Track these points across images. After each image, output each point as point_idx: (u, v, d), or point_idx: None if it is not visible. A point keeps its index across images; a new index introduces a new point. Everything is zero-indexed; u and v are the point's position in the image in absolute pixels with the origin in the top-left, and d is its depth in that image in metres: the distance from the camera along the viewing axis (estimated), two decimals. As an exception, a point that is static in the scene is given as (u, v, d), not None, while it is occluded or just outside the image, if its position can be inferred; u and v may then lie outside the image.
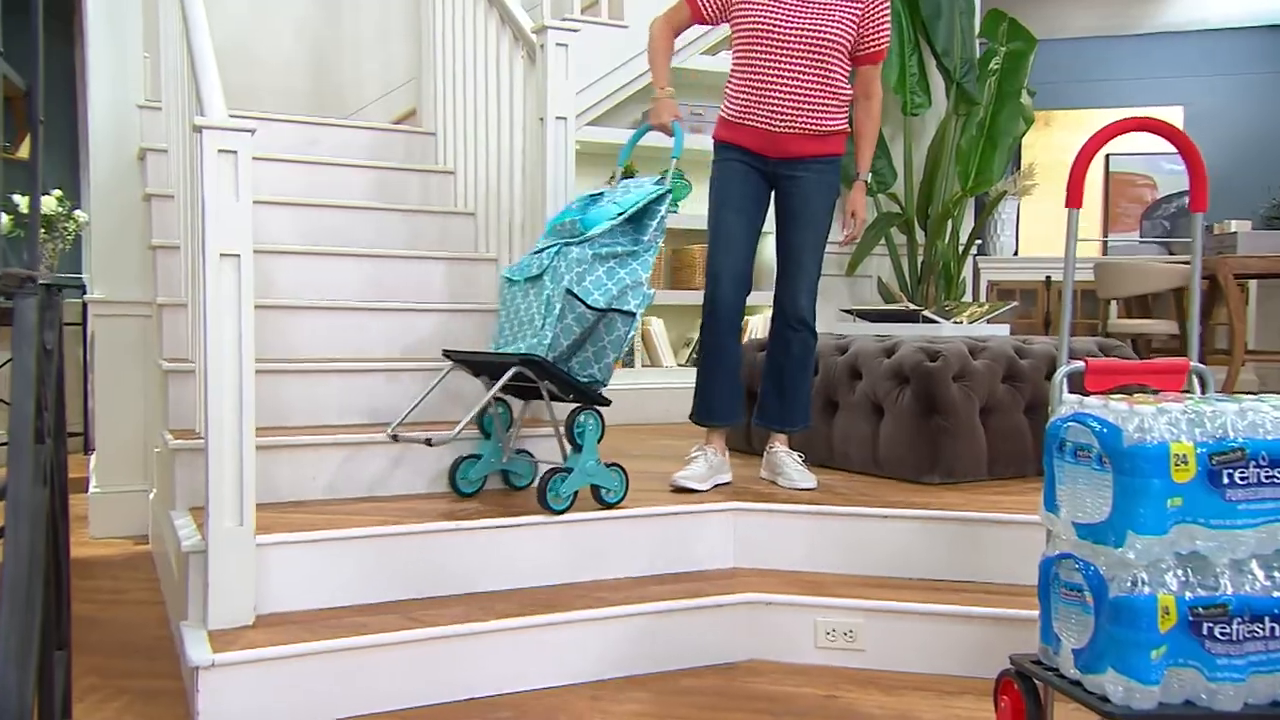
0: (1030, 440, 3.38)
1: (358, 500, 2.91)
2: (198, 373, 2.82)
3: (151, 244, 3.47)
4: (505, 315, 2.85)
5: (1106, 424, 1.63)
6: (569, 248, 2.69)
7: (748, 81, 2.94)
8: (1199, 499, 1.62)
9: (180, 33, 3.07)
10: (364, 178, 4.05)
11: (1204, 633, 1.62)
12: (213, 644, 2.21)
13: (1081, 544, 1.70)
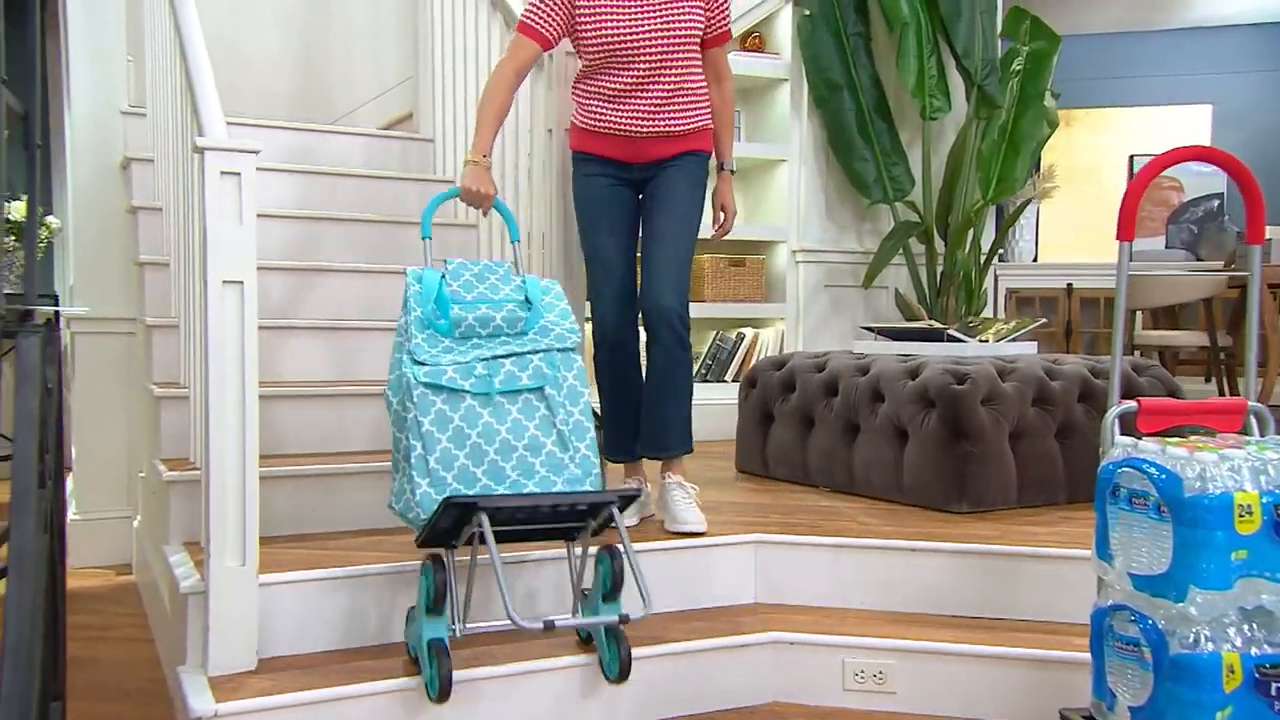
0: (1061, 466, 3.39)
1: (360, 533, 2.90)
2: (193, 403, 2.83)
3: (139, 260, 3.48)
4: (455, 439, 2.26)
5: (1166, 471, 1.65)
6: (570, 355, 2.43)
7: (601, 88, 2.88)
8: (1265, 551, 1.63)
9: (171, 39, 3.08)
10: (359, 187, 4.06)
11: (1272, 693, 1.64)
12: (215, 693, 2.20)
13: (1138, 595, 1.72)
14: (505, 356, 2.37)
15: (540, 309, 2.48)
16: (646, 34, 2.81)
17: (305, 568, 2.51)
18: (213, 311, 2.28)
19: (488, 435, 2.26)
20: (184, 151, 2.97)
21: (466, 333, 2.39)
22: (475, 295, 2.46)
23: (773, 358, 4.04)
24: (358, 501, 2.95)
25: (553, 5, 2.82)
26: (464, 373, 2.31)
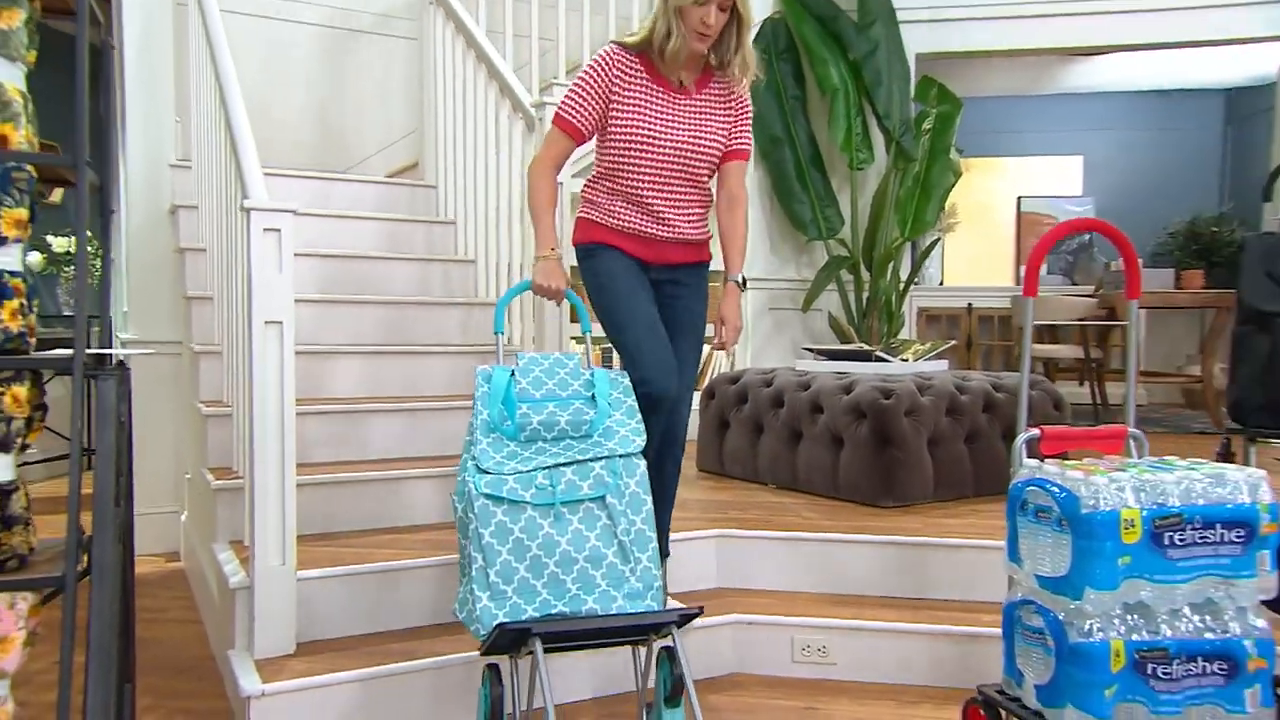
0: (969, 466, 3.42)
1: (379, 532, 2.87)
2: (236, 421, 2.79)
3: (186, 295, 3.43)
4: (515, 553, 1.90)
5: (1065, 491, 1.66)
6: (632, 460, 2.01)
7: (623, 189, 2.45)
8: (1144, 557, 1.64)
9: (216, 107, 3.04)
10: (373, 228, 4.02)
11: (1148, 672, 1.65)
12: (261, 673, 2.19)
13: (1042, 593, 1.73)
14: (567, 465, 1.99)
15: (606, 407, 2.10)
16: (672, 138, 2.41)
17: (334, 564, 2.49)
18: (256, 347, 2.27)
19: (548, 548, 1.90)
20: (226, 201, 2.93)
21: (532, 436, 2.03)
22: (544, 393, 2.11)
23: (728, 374, 4.02)
24: (377, 504, 2.91)
25: (590, 100, 2.40)
26: (525, 483, 1.95)
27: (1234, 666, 1.68)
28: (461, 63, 3.94)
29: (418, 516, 2.95)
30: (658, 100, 2.41)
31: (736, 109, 2.50)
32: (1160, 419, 6.20)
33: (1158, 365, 7.15)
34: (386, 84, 4.97)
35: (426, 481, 2.96)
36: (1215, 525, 1.66)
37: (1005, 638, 1.83)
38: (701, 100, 2.45)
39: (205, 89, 3.34)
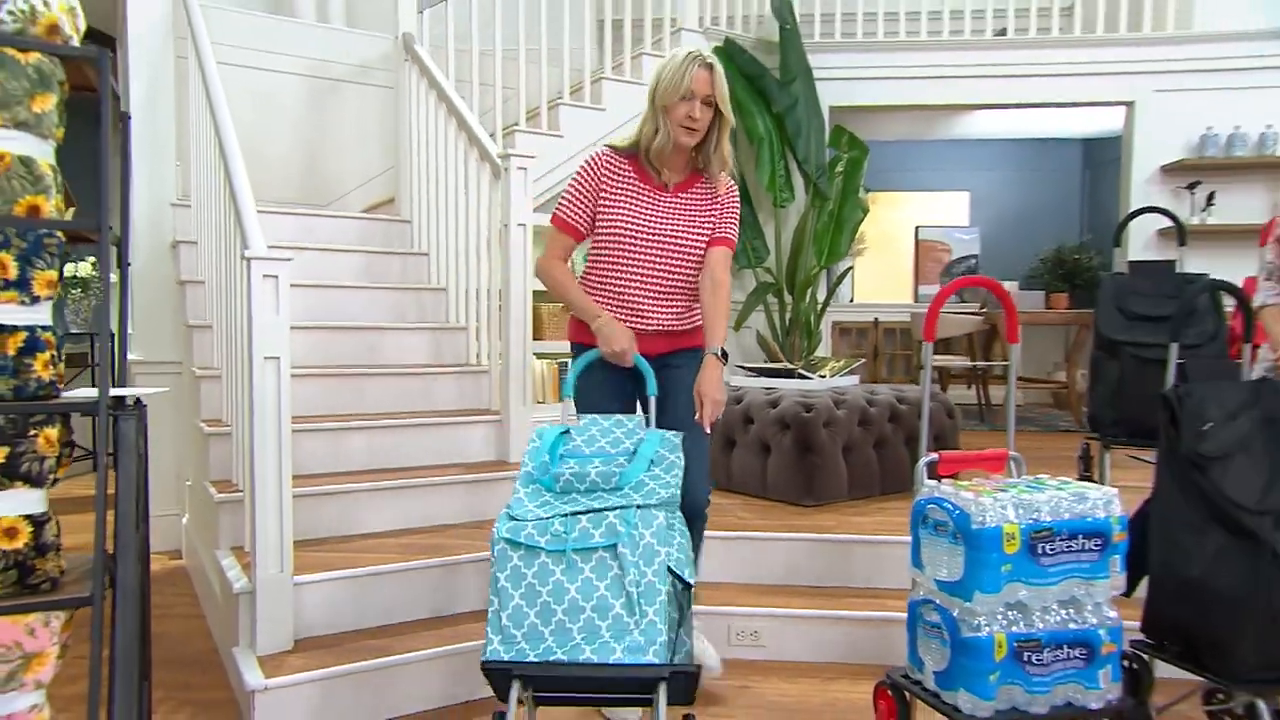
0: (877, 469, 3.52)
1: (365, 537, 2.85)
2: (236, 440, 2.76)
3: (188, 323, 3.38)
4: (527, 598, 1.73)
5: (959, 509, 1.73)
6: (650, 511, 1.78)
7: (607, 283, 2.30)
8: (1023, 564, 1.72)
9: (214, 154, 3.01)
10: (353, 260, 3.95)
11: (1024, 660, 1.73)
12: (263, 669, 2.20)
13: (940, 594, 1.80)
14: (584, 513, 1.80)
15: (644, 462, 1.90)
16: (657, 233, 2.26)
17: (325, 569, 2.49)
18: (256, 379, 2.28)
19: (558, 594, 1.72)
20: (224, 242, 2.91)
21: (566, 487, 1.87)
22: (594, 449, 1.96)
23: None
24: (360, 513, 2.89)
25: (582, 200, 2.29)
26: (541, 529, 1.79)
27: (1091, 651, 1.77)
28: (434, 113, 3.92)
29: (398, 522, 2.94)
30: (643, 198, 2.27)
31: (722, 205, 2.32)
32: (1033, 418, 6.39)
33: (1031, 372, 7.31)
34: (364, 127, 4.92)
35: (405, 492, 2.95)
36: (1078, 536, 1.75)
37: (909, 630, 1.89)
38: (686, 199, 2.30)
39: (204, 137, 3.29)
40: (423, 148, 4.10)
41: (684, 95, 2.15)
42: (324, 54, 4.74)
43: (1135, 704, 2.08)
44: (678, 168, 2.30)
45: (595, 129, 4.85)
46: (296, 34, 4.69)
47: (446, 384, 3.50)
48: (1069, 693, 1.77)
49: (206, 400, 3.10)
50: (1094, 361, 3.38)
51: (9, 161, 1.62)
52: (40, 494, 1.62)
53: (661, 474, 1.88)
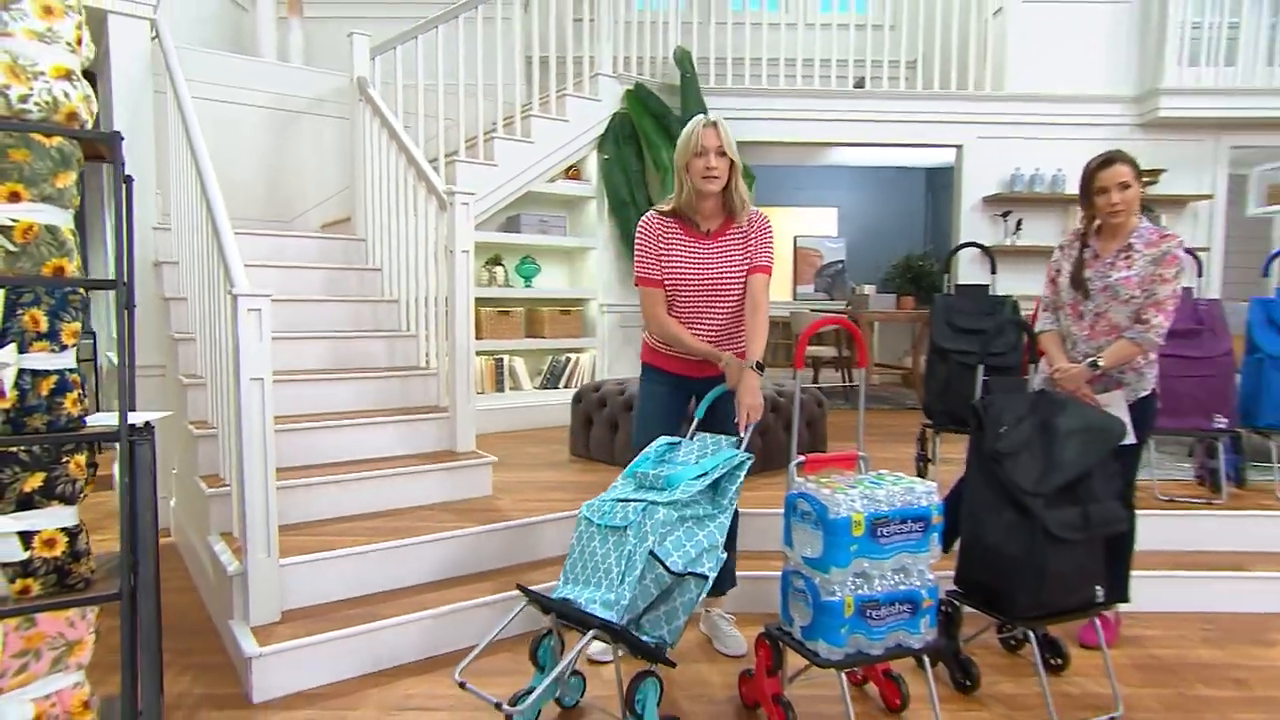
0: (760, 451, 3.66)
1: (337, 520, 2.88)
2: (220, 439, 2.78)
3: (172, 335, 3.34)
4: (580, 553, 2.04)
5: (819, 502, 1.91)
6: (655, 507, 1.96)
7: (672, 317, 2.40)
8: (866, 544, 1.90)
9: (193, 181, 2.98)
10: (316, 275, 3.93)
11: (867, 615, 1.92)
12: (257, 638, 2.28)
13: (805, 567, 1.97)
14: (623, 501, 2.04)
15: (688, 471, 2.09)
16: (707, 276, 2.35)
17: (306, 551, 2.54)
18: (244, 398, 2.33)
19: (591, 554, 2.00)
20: (204, 261, 2.90)
21: (639, 483, 2.12)
22: (683, 459, 2.19)
23: (591, 383, 4.17)
24: (343, 500, 2.94)
25: (651, 256, 2.36)
26: (598, 508, 2.06)
27: (916, 606, 1.98)
28: (385, 149, 3.93)
29: (365, 507, 2.98)
30: (690, 248, 2.35)
31: (756, 238, 2.38)
32: (887, 397, 6.69)
33: (885, 359, 7.60)
34: (320, 153, 4.87)
35: (369, 482, 2.99)
36: (908, 520, 1.95)
37: (781, 593, 2.08)
38: (725, 241, 2.36)
39: (183, 165, 3.24)
40: (375, 177, 4.09)
41: (698, 152, 2.25)
42: (284, 89, 4.67)
43: (948, 640, 2.38)
44: (711, 215, 2.36)
45: (525, 159, 4.93)
46: (260, 71, 4.60)
47: (400, 385, 3.52)
48: (899, 637, 1.98)
49: (192, 404, 3.08)
50: (928, 364, 3.69)
51: (37, 230, 1.66)
52: (73, 510, 1.69)
53: (694, 484, 2.04)
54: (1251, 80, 5.66)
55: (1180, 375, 3.39)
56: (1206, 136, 5.86)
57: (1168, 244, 2.44)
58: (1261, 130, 5.83)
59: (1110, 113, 5.83)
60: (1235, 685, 2.41)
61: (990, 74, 5.84)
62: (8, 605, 1.57)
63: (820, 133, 5.80)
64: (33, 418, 1.62)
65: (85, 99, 1.75)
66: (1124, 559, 2.57)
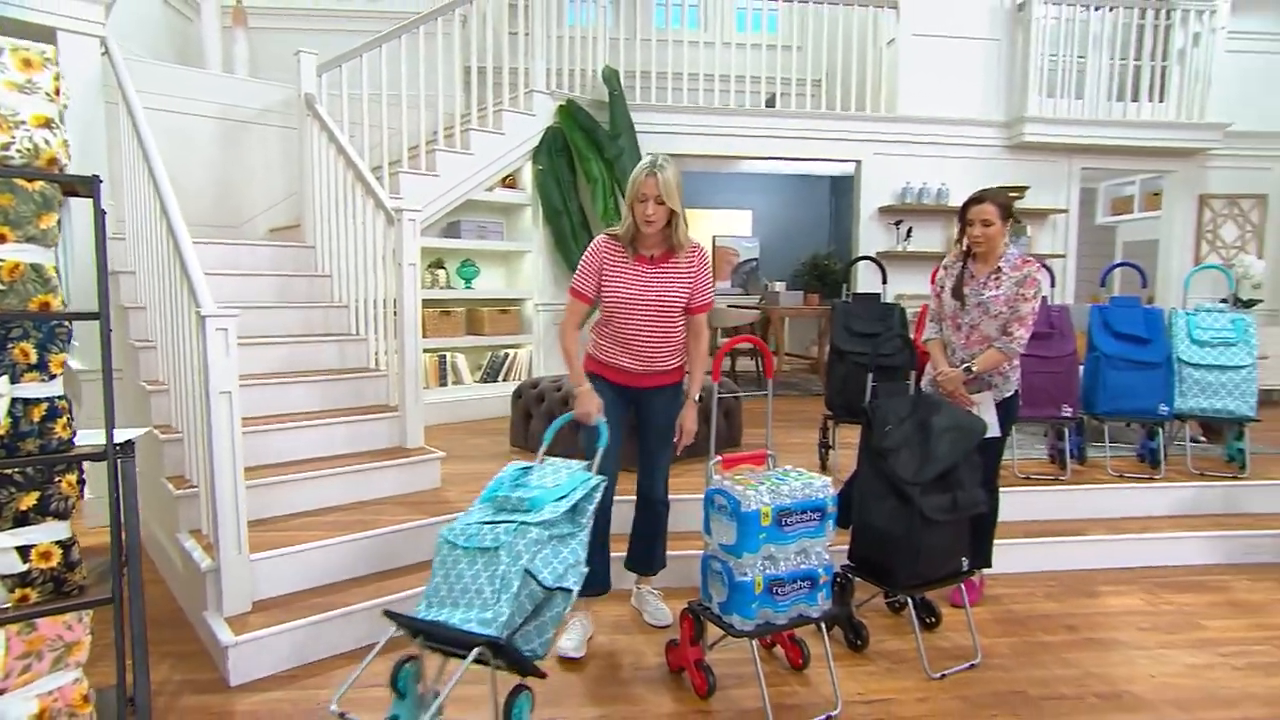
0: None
1: (301, 515, 2.91)
2: (188, 445, 2.77)
3: (131, 342, 3.29)
4: (444, 577, 1.93)
5: (733, 497, 2.07)
6: (527, 527, 1.93)
7: (613, 336, 2.48)
8: (773, 532, 2.07)
9: (150, 195, 2.96)
10: (269, 282, 3.90)
11: (774, 592, 2.10)
12: (231, 628, 2.33)
13: (721, 552, 2.13)
14: (489, 523, 1.98)
15: (549, 495, 2.06)
16: (646, 299, 2.41)
17: (273, 547, 2.58)
18: (214, 409, 2.36)
19: (458, 577, 1.91)
20: (159, 271, 2.89)
21: (499, 506, 2.06)
22: (539, 482, 2.15)
23: (529, 380, 4.22)
24: (304, 496, 2.96)
25: (589, 275, 2.43)
26: (463, 531, 1.98)
27: (814, 582, 2.18)
28: (333, 163, 3.90)
29: (323, 502, 3.02)
30: (633, 271, 2.41)
31: (697, 271, 2.47)
32: (796, 383, 6.89)
33: (794, 349, 7.94)
34: (268, 160, 4.78)
35: (325, 479, 3.02)
36: (808, 511, 2.13)
37: (702, 574, 2.22)
38: (667, 269, 2.43)
39: (136, 177, 3.17)
40: (323, 188, 4.07)
41: (639, 197, 2.33)
42: (231, 99, 4.57)
43: (842, 606, 2.63)
44: (654, 245, 2.43)
45: (465, 170, 4.97)
46: (207, 83, 4.50)
47: (351, 386, 3.54)
48: (800, 608, 2.17)
49: (156, 409, 3.05)
50: (829, 363, 3.95)
51: (23, 269, 1.70)
52: (66, 524, 1.74)
53: (557, 507, 2.01)
54: (1095, 112, 6.16)
55: (1036, 371, 3.75)
56: (1061, 158, 6.34)
57: (1028, 269, 2.73)
58: (1106, 155, 6.35)
59: (985, 136, 6.24)
60: (1068, 631, 2.75)
61: (885, 97, 6.16)
62: (8, 613, 1.63)
63: (736, 147, 6.00)
64: (26, 442, 1.67)
65: (64, 144, 1.78)
66: (988, 532, 2.87)
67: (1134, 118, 6.22)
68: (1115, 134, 6.18)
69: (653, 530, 2.69)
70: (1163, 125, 6.22)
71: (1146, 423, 3.94)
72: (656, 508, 2.67)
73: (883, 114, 6.11)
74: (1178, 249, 6.66)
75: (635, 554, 2.74)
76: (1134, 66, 6.24)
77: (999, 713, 2.21)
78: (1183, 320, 3.98)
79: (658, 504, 2.66)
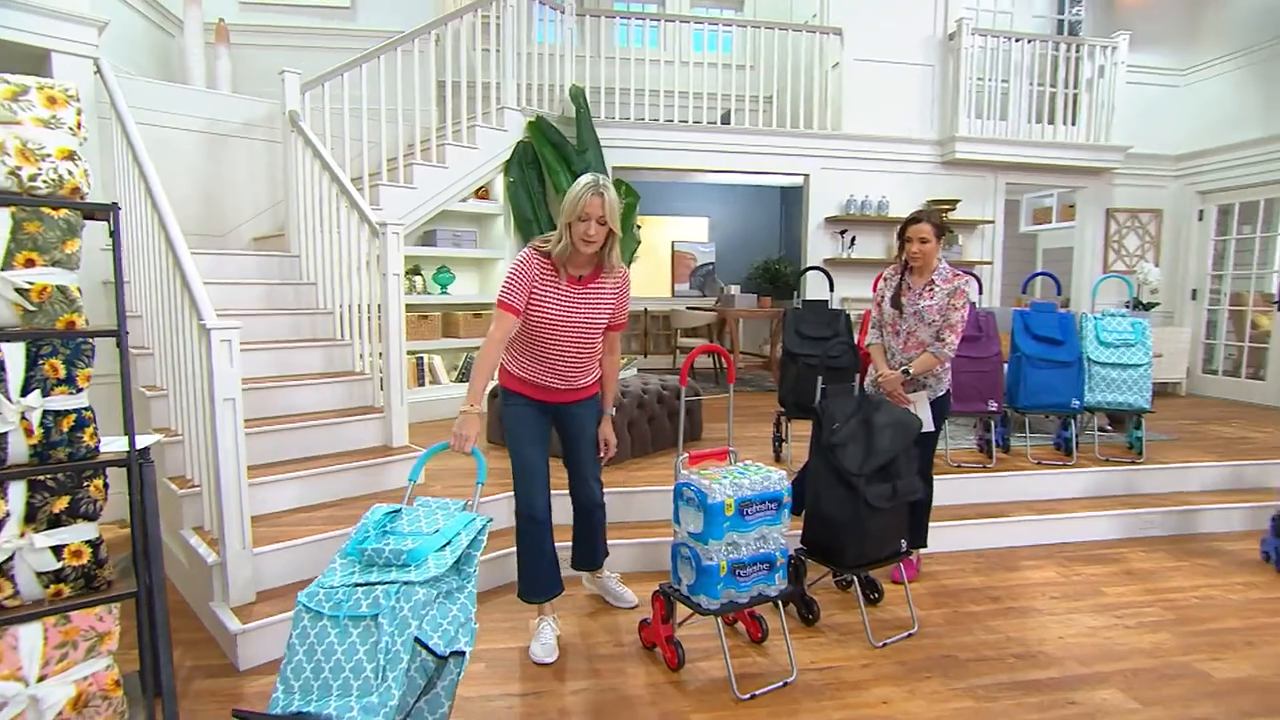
0: (649, 435, 3.98)
1: (294, 511, 2.95)
2: (186, 445, 2.80)
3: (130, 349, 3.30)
4: (306, 655, 1.54)
5: (700, 490, 2.21)
6: (412, 588, 1.56)
7: (534, 353, 2.39)
8: (736, 521, 2.20)
9: (147, 211, 2.98)
10: (256, 290, 3.91)
11: (736, 574, 2.23)
12: (238, 616, 2.39)
13: (690, 540, 2.25)
14: (364, 585, 1.59)
15: (431, 544, 1.66)
16: (570, 318, 2.33)
17: (273, 541, 2.63)
18: (218, 414, 2.40)
19: (328, 654, 1.53)
20: (156, 281, 2.90)
21: (368, 561, 1.65)
22: (414, 529, 1.73)
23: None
24: (299, 493, 3.01)
25: (519, 288, 2.28)
26: (329, 597, 1.59)
27: (771, 564, 2.32)
28: (318, 177, 3.93)
29: (316, 499, 3.07)
30: (560, 291, 2.32)
31: (619, 294, 2.42)
32: (751, 380, 7.12)
33: (749, 348, 8.10)
34: (252, 172, 4.76)
35: (318, 478, 3.07)
36: (767, 501, 2.25)
37: (672, 559, 2.34)
38: (592, 290, 2.36)
39: (130, 186, 3.16)
40: (307, 200, 4.08)
41: (581, 216, 2.22)
42: (215, 114, 4.55)
43: (796, 585, 2.79)
44: (584, 265, 2.34)
45: (441, 182, 5.01)
46: (192, 98, 4.47)
47: (339, 389, 3.58)
48: (760, 588, 2.31)
49: (156, 413, 3.07)
50: (782, 364, 4.12)
51: (50, 291, 1.76)
52: (94, 525, 1.80)
53: (441, 556, 1.65)
54: (1018, 133, 6.49)
55: (965, 370, 4.00)
56: (988, 174, 6.65)
57: (959, 282, 2.93)
58: (1027, 171, 6.69)
59: (921, 153, 6.51)
60: (992, 601, 2.98)
61: (830, 116, 6.38)
62: (44, 606, 1.69)
63: (694, 161, 6.14)
64: (57, 450, 1.73)
65: (84, 174, 1.84)
66: (923, 516, 3.08)
67: (1050, 139, 6.56)
68: (1035, 153, 6.51)
69: (594, 532, 2.67)
70: (1075, 146, 6.58)
71: (1061, 415, 4.22)
72: (595, 513, 2.63)
73: (829, 131, 6.33)
74: (1089, 256, 7.05)
75: (581, 555, 2.72)
76: (1050, 93, 6.58)
77: (932, 674, 2.41)
78: (1091, 324, 4.27)
79: (595, 509, 2.62)
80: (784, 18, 7.13)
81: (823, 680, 2.36)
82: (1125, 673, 2.42)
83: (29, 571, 1.69)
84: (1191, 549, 3.57)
